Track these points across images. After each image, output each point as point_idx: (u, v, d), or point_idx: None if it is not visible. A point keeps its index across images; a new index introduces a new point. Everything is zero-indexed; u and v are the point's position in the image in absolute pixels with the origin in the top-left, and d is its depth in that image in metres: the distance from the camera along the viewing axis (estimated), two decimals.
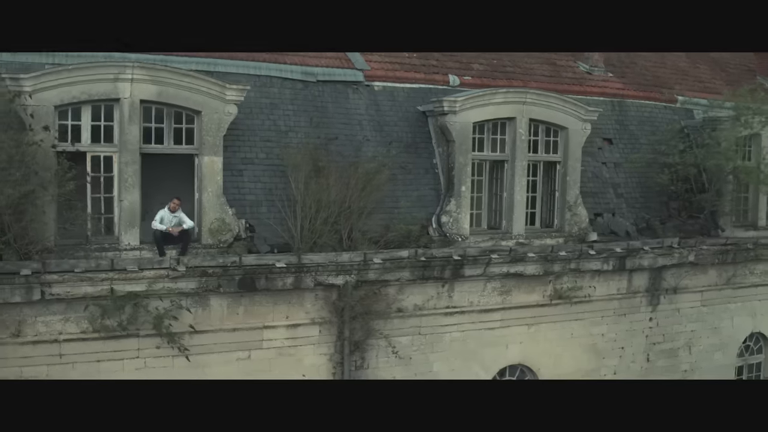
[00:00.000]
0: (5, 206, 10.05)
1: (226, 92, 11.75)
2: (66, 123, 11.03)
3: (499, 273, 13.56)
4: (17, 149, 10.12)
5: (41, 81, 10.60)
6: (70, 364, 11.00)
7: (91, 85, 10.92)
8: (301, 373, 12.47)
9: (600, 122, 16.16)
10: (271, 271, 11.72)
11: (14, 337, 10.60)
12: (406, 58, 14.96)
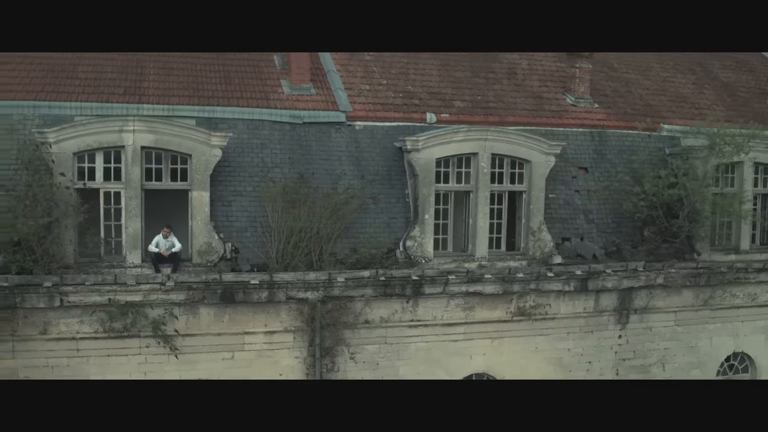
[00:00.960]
0: (32, 233, 13.35)
1: (211, 139, 14.65)
2: (83, 165, 14.27)
3: (459, 291, 15.71)
4: (41, 189, 13.42)
5: (61, 134, 13.91)
6: (85, 357, 14.23)
7: (101, 135, 14.13)
8: (278, 373, 15.17)
9: (577, 152, 17.95)
10: (247, 286, 14.50)
11: (42, 335, 13.93)
12: (390, 98, 17.39)
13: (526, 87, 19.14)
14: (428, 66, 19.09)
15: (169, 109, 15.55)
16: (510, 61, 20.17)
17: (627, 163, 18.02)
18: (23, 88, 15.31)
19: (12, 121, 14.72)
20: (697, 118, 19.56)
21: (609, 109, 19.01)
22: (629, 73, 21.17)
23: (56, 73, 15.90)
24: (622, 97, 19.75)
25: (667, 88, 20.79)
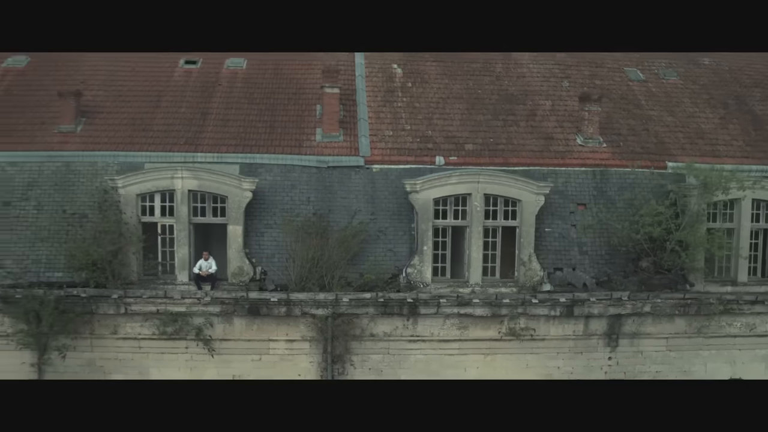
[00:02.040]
0: (102, 257, 17.92)
1: (242, 184, 18.67)
2: (145, 204, 18.75)
3: (452, 313, 18.71)
4: (109, 223, 18.01)
5: (127, 180, 18.46)
6: (145, 353, 18.69)
7: (158, 181, 18.55)
8: (297, 374, 18.91)
9: (577, 189, 20.35)
10: (268, 303, 18.37)
11: (112, 335, 18.53)
12: (408, 143, 20.66)
13: (541, 128, 21.68)
14: (453, 110, 22.17)
15: (218, 156, 19.79)
16: (535, 102, 22.77)
17: (627, 200, 20.10)
18: (108, 140, 20.14)
19: (97, 168, 19.53)
20: (708, 155, 21.28)
21: (617, 147, 21.14)
22: (654, 109, 23.06)
23: (135, 127, 20.63)
24: (636, 135, 21.75)
25: (689, 125, 22.47)
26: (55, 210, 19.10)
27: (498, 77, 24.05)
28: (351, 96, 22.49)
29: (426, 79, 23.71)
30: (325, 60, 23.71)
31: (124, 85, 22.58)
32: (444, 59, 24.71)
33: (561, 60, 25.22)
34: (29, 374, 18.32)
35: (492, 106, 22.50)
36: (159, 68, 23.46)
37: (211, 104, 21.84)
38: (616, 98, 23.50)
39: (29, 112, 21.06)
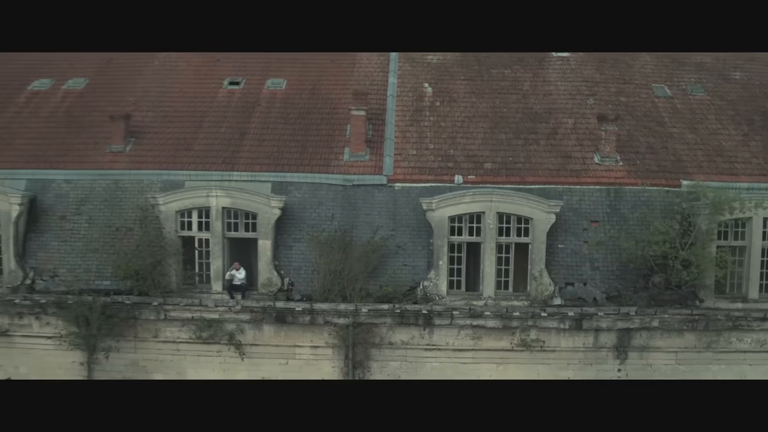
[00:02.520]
0: (146, 268, 19.91)
1: (271, 202, 20.38)
2: (183, 219, 20.67)
3: (465, 324, 20.00)
4: (150, 237, 19.99)
5: (167, 198, 20.42)
6: (183, 355, 20.63)
7: (195, 199, 20.45)
8: (320, 378, 20.50)
9: (591, 207, 21.33)
10: (293, 312, 20.03)
11: (153, 338, 20.53)
12: (429, 162, 22.00)
13: (560, 147, 22.70)
14: (477, 129, 23.39)
15: (252, 175, 21.57)
16: (558, 121, 23.78)
17: (640, 217, 20.95)
18: (153, 159, 22.18)
19: (142, 185, 21.58)
20: (725, 173, 21.92)
21: (633, 166, 21.98)
22: (676, 126, 23.75)
23: (178, 146, 22.62)
24: (654, 153, 22.53)
25: (709, 142, 23.10)
26: (104, 224, 21.24)
27: (525, 95, 25.16)
28: (381, 115, 23.98)
29: (454, 97, 25.01)
30: (362, 60, 26.29)
31: (171, 106, 24.64)
32: (473, 78, 26.00)
33: (589, 76, 26.15)
34: (80, 372, 20.54)
35: (515, 125, 23.63)
36: (204, 89, 25.46)
37: (250, 124, 23.66)
38: (640, 116, 24.30)
39: (84, 132, 23.33)
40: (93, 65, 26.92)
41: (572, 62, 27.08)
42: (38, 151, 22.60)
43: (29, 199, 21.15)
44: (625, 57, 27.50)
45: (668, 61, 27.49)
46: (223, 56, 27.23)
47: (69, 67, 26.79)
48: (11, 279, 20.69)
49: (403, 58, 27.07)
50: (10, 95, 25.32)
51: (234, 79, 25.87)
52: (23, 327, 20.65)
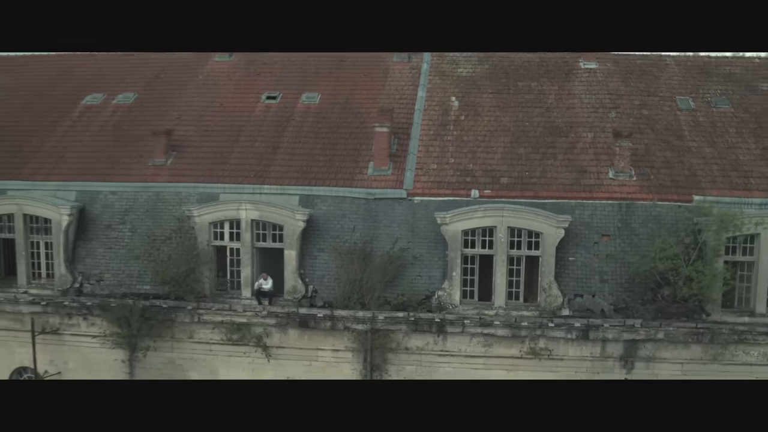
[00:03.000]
0: (181, 275, 21.76)
1: (296, 215, 21.96)
2: (216, 230, 22.44)
3: (476, 332, 21.22)
4: (185, 247, 21.83)
5: (201, 211, 22.22)
6: (215, 355, 22.48)
7: (226, 212, 22.21)
8: (341, 379, 22.03)
9: (602, 221, 22.18)
10: (315, 318, 21.60)
11: (188, 338, 22.44)
12: (448, 176, 23.21)
13: (577, 161, 23.58)
14: (498, 143, 24.46)
15: (281, 188, 23.18)
16: (577, 135, 24.64)
17: (650, 232, 21.74)
18: (191, 172, 24.02)
19: (181, 197, 23.45)
20: (739, 188, 22.47)
21: (646, 181, 22.71)
22: (695, 140, 24.32)
23: (215, 160, 24.40)
24: (669, 168, 23.19)
25: (726, 156, 23.60)
26: (145, 233, 23.19)
27: (548, 108, 26.08)
28: (407, 129, 25.27)
29: (479, 111, 26.12)
30: (394, 74, 28.02)
31: (212, 120, 26.48)
32: (500, 91, 27.03)
33: (614, 89, 26.87)
34: (122, 369, 22.62)
35: (535, 139, 24.60)
36: (243, 103, 27.22)
37: (283, 138, 25.28)
38: (660, 129, 24.94)
39: (131, 146, 25.36)
40: (142, 79, 29.03)
41: (599, 74, 27.85)
42: (88, 164, 24.73)
43: (78, 210, 23.27)
44: (653, 68, 28.14)
45: (696, 71, 27.99)
46: (260, 57, 29.14)
47: (120, 82, 28.96)
48: (61, 283, 22.87)
49: (433, 71, 28.31)
50: (67, 109, 27.61)
51: (271, 94, 27.55)
52: (72, 326, 22.86)
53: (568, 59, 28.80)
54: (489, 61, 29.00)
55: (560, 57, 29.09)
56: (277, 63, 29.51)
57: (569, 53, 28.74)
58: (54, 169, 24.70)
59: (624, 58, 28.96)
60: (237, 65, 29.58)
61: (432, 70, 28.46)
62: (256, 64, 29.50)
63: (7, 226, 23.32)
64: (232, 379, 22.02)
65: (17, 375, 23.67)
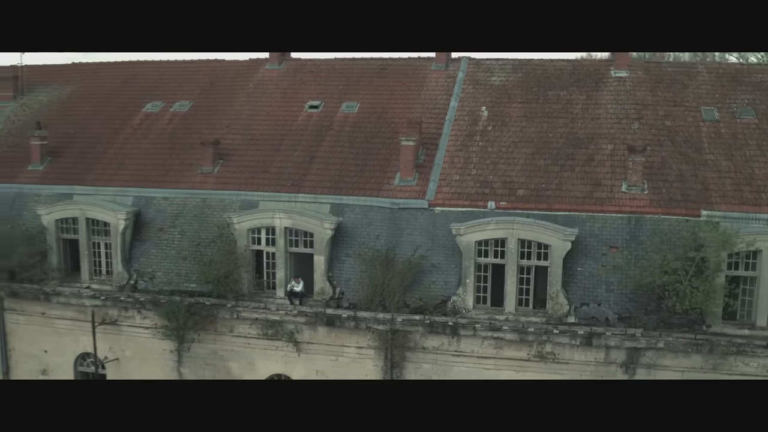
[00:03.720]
0: (219, 276, 24.34)
1: (324, 224, 24.14)
2: (254, 236, 24.87)
3: (486, 335, 23.04)
4: (224, 251, 24.37)
5: (240, 219, 24.69)
6: (252, 348, 25.06)
7: (262, 220, 24.60)
8: (364, 374, 24.26)
9: (612, 234, 23.49)
10: (340, 318, 23.84)
11: (229, 332, 25.11)
12: (468, 187, 24.90)
13: (593, 174, 24.85)
14: (520, 154, 25.95)
15: (314, 197, 25.39)
16: (597, 146, 25.87)
17: (657, 245, 22.95)
18: (235, 180, 26.49)
19: (225, 203, 25.98)
20: (749, 203, 23.35)
21: (657, 195, 23.82)
22: (713, 153, 25.13)
23: (257, 169, 26.78)
24: (682, 182, 24.20)
25: (742, 169, 24.36)
26: (193, 236, 25.87)
27: (573, 119, 27.32)
28: (436, 140, 27.02)
29: (506, 121, 27.60)
30: (430, 83, 29.72)
31: (258, 129, 28.88)
32: (530, 100, 28.41)
33: (641, 99, 27.82)
34: (171, 358, 25.49)
35: (556, 151, 25.96)
36: (287, 112, 29.49)
37: (320, 147, 27.44)
38: (680, 141, 25.86)
39: (183, 153, 28.03)
40: (198, 87, 31.68)
41: (628, 83, 28.81)
42: (144, 171, 27.56)
43: (134, 214, 26.13)
44: (683, 76, 28.85)
45: (726, 79, 28.59)
46: (307, 65, 31.30)
47: (177, 89, 31.69)
48: (119, 279, 25.85)
49: (468, 80, 29.87)
50: (129, 116, 30.55)
51: (313, 103, 29.71)
52: (128, 318, 25.85)
53: (600, 67, 29.87)
54: (523, 69, 30.37)
55: (592, 64, 30.24)
56: (322, 71, 31.67)
57: (601, 61, 29.94)
58: (115, 175, 27.65)
59: (656, 65, 29.82)
60: (285, 73, 31.86)
61: (467, 78, 30.02)
62: (303, 72, 31.72)
63: (72, 228, 26.40)
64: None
65: (81, 360, 26.93)
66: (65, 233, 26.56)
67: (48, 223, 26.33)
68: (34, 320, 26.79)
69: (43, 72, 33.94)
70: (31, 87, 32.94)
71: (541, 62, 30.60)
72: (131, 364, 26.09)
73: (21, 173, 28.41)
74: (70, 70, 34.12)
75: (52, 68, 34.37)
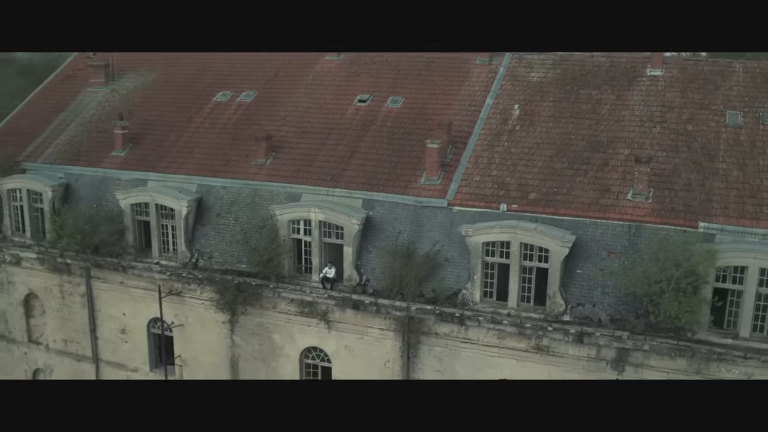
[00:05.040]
0: (263, 260, 28.06)
1: (352, 219, 27.21)
2: (294, 226, 28.32)
3: (488, 327, 25.73)
4: (267, 239, 28.00)
5: (282, 211, 28.19)
6: (292, 323, 28.85)
7: (300, 213, 28.01)
8: (385, 352, 27.59)
9: (612, 240, 25.33)
10: (363, 303, 27.13)
11: (272, 309, 29.00)
12: (486, 188, 27.19)
13: (604, 179, 26.52)
14: (540, 156, 27.87)
15: (349, 192, 28.44)
16: (615, 150, 27.39)
17: (654, 254, 24.61)
18: (283, 173, 29.87)
19: (273, 194, 29.47)
20: (747, 217, 24.50)
21: (660, 204, 25.28)
22: (726, 161, 26.11)
23: (303, 162, 30.01)
24: (688, 191, 25.48)
25: (751, 180, 25.26)
26: (245, 222, 29.61)
27: (598, 120, 28.80)
28: (466, 139, 29.29)
29: (535, 121, 29.44)
30: (471, 78, 31.66)
31: (310, 122, 31.98)
32: (561, 99, 29.99)
33: (669, 100, 28.85)
34: (225, 327, 29.71)
35: (574, 154, 27.69)
36: (338, 106, 32.37)
37: (361, 143, 30.30)
38: (696, 148, 26.92)
39: (242, 144, 31.60)
40: (263, 77, 34.99)
41: (660, 83, 29.79)
42: (207, 160, 31.41)
43: (196, 201, 30.13)
44: (717, 76, 29.49)
45: (761, 80, 29.00)
46: (363, 57, 33.89)
47: (246, 79, 35.13)
48: (182, 257, 30.12)
49: (508, 76, 31.68)
50: (201, 105, 34.35)
51: (362, 97, 32.42)
52: (190, 291, 30.19)
53: (637, 64, 30.86)
54: (562, 66, 31.80)
55: (630, 61, 31.21)
56: (375, 63, 34.18)
57: (640, 57, 30.89)
58: (183, 163, 31.66)
59: (693, 63, 30.50)
60: (342, 65, 34.58)
61: (507, 74, 31.81)
62: (358, 64, 34.35)
63: (144, 211, 30.75)
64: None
65: (153, 323, 31.68)
66: (139, 215, 30.97)
67: (125, 207, 30.81)
68: (114, 288, 31.68)
69: (132, 59, 38.12)
70: (121, 73, 37.37)
71: (581, 58, 31.87)
72: (193, 329, 30.58)
73: (106, 158, 32.98)
74: (155, 57, 38.09)
75: (139, 55, 38.42)
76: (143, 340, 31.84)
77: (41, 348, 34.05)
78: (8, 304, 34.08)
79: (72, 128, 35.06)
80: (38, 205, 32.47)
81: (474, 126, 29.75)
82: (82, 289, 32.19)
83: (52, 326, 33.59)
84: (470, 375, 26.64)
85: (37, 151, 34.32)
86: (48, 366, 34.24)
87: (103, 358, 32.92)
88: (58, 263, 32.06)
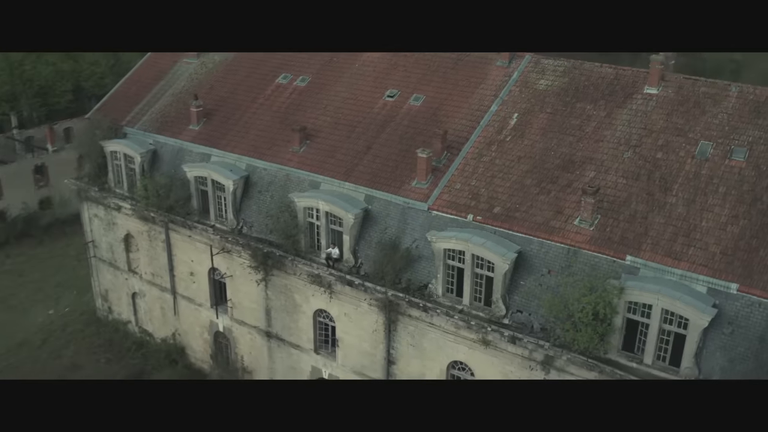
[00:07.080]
0: (286, 238, 34.07)
1: (348, 213, 32.26)
2: (309, 212, 33.84)
3: (445, 318, 30.43)
4: (288, 223, 33.88)
5: (299, 199, 33.70)
6: (307, 288, 34.95)
7: (311, 202, 33.38)
8: (374, 321, 33.14)
9: (553, 259, 28.67)
10: (354, 283, 32.60)
11: (293, 275, 35.18)
12: (462, 197, 31.02)
13: (562, 201, 29.39)
14: (517, 171, 31.04)
15: (355, 187, 33.30)
16: (582, 172, 29.99)
17: (585, 277, 27.76)
18: (310, 162, 35.08)
19: (299, 180, 34.96)
20: (671, 256, 26.83)
21: (602, 233, 27.96)
22: (678, 195, 27.81)
23: (327, 154, 34.99)
24: (630, 223, 27.90)
25: (691, 219, 27.03)
26: (278, 201, 35.43)
27: (581, 138, 31.20)
28: (461, 145, 32.86)
29: (525, 133, 32.32)
30: (487, 80, 34.67)
31: (342, 113, 36.57)
32: (557, 111, 32.48)
33: (653, 123, 30.52)
34: (259, 286, 36.37)
35: (546, 172, 30.58)
36: (371, 99, 36.55)
37: (378, 139, 34.65)
38: (655, 178, 28.89)
39: (286, 130, 36.87)
40: (319, 63, 39.52)
41: (651, 103, 31.32)
42: (258, 142, 37.17)
43: (243, 179, 36.28)
44: (709, 100, 30.48)
45: (750, 108, 29.76)
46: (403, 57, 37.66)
47: (306, 62, 39.86)
48: (230, 224, 36.82)
49: (519, 82, 34.29)
50: (265, 85, 39.76)
51: (391, 92, 36.37)
52: (236, 251, 36.95)
53: (638, 79, 32.34)
54: (571, 74, 33.89)
55: (633, 75, 32.69)
56: (410, 57, 37.65)
57: (643, 72, 32.31)
58: (240, 142, 37.67)
59: (691, 83, 31.49)
60: (383, 56, 38.33)
61: (520, 79, 34.42)
62: (397, 56, 37.96)
63: (204, 182, 37.33)
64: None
65: (212, 272, 38.99)
66: (201, 185, 37.72)
67: (190, 177, 37.67)
68: (184, 239, 39.19)
69: None
70: None
71: (590, 68, 33.72)
72: (237, 281, 37.56)
73: (185, 130, 39.70)
74: None
75: None
76: (205, 282, 39.43)
77: (137, 277, 42.89)
78: (114, 240, 42.97)
79: (166, 97, 42.04)
80: (132, 166, 40.22)
81: (472, 132, 33.14)
82: (162, 236, 40.09)
83: (144, 261, 42.13)
84: (434, 351, 31.72)
85: (136, 116, 41.77)
86: (142, 291, 43.22)
87: (178, 292, 41.16)
88: (145, 214, 40.01)
